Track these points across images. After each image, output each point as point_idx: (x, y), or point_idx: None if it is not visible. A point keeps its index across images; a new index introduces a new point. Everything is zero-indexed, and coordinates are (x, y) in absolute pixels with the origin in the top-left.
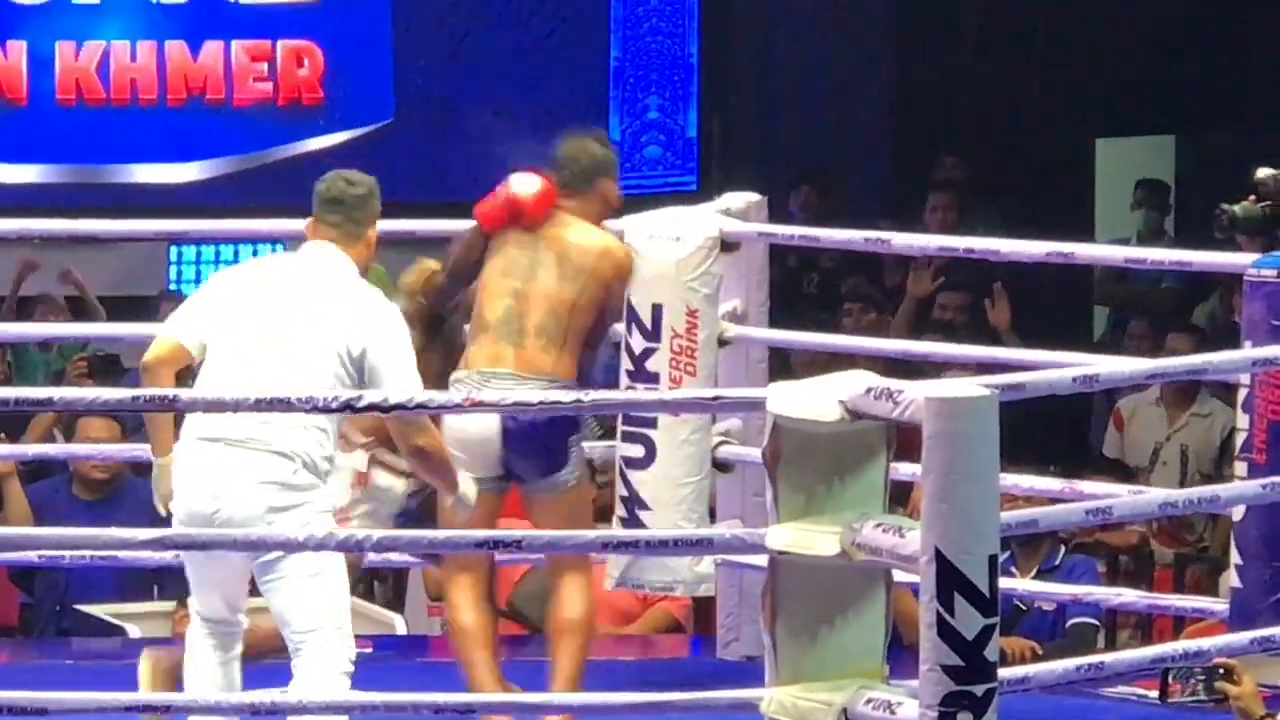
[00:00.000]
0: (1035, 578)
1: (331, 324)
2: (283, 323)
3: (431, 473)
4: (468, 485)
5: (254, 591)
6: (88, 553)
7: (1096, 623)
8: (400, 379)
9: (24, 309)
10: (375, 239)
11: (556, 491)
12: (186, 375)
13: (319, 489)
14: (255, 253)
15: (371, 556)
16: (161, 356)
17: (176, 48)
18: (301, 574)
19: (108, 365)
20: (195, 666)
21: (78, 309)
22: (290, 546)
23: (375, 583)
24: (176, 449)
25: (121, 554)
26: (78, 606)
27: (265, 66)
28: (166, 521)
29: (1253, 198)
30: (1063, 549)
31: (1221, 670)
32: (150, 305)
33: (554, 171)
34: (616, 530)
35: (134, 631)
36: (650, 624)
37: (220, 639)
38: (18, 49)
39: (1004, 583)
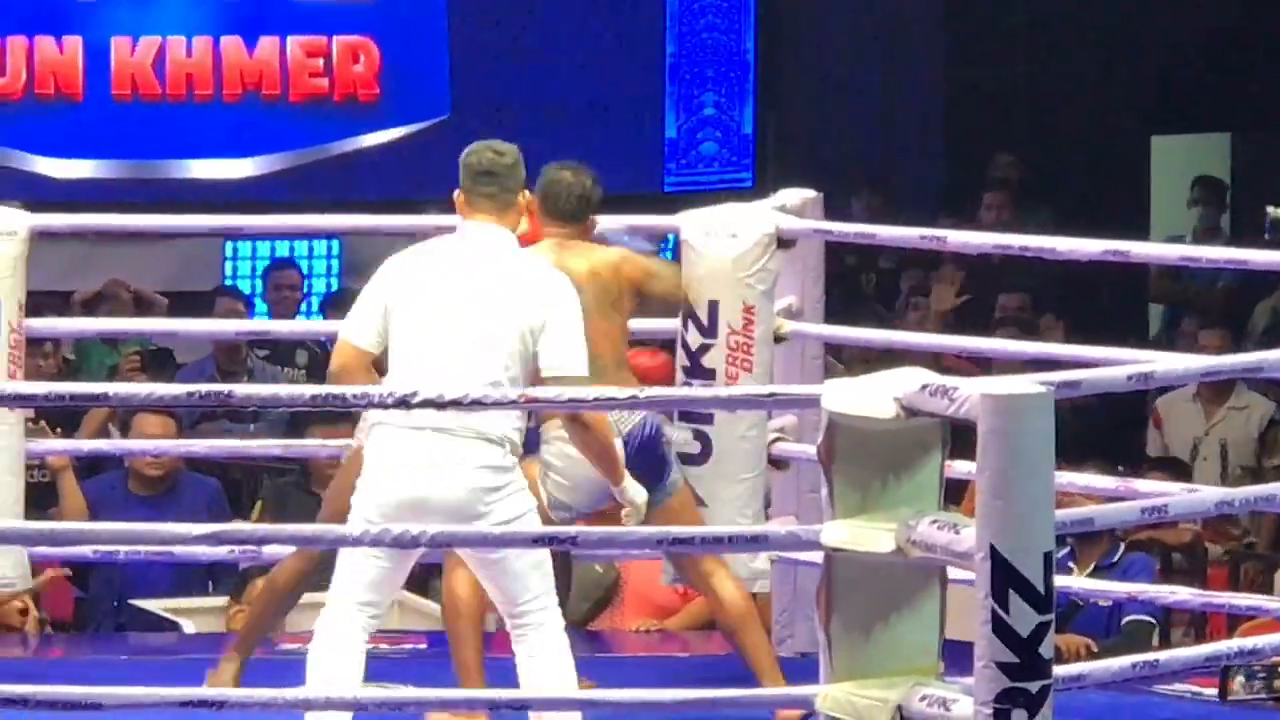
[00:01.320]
0: (1093, 574)
1: (513, 302)
2: (465, 306)
3: (594, 454)
4: (635, 489)
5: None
6: (142, 548)
7: (1152, 620)
8: (571, 352)
9: (91, 304)
10: (524, 206)
11: (671, 494)
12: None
13: (519, 467)
14: (310, 248)
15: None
16: (345, 364)
17: (232, 43)
18: (521, 549)
19: (161, 360)
20: (345, 655)
21: (142, 304)
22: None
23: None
24: (378, 439)
25: (176, 549)
26: (133, 602)
27: (321, 62)
28: (222, 517)
29: None
30: (1121, 546)
31: None
32: (205, 301)
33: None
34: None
35: (189, 627)
36: (690, 619)
37: (371, 626)
38: (74, 44)
39: (1059, 580)
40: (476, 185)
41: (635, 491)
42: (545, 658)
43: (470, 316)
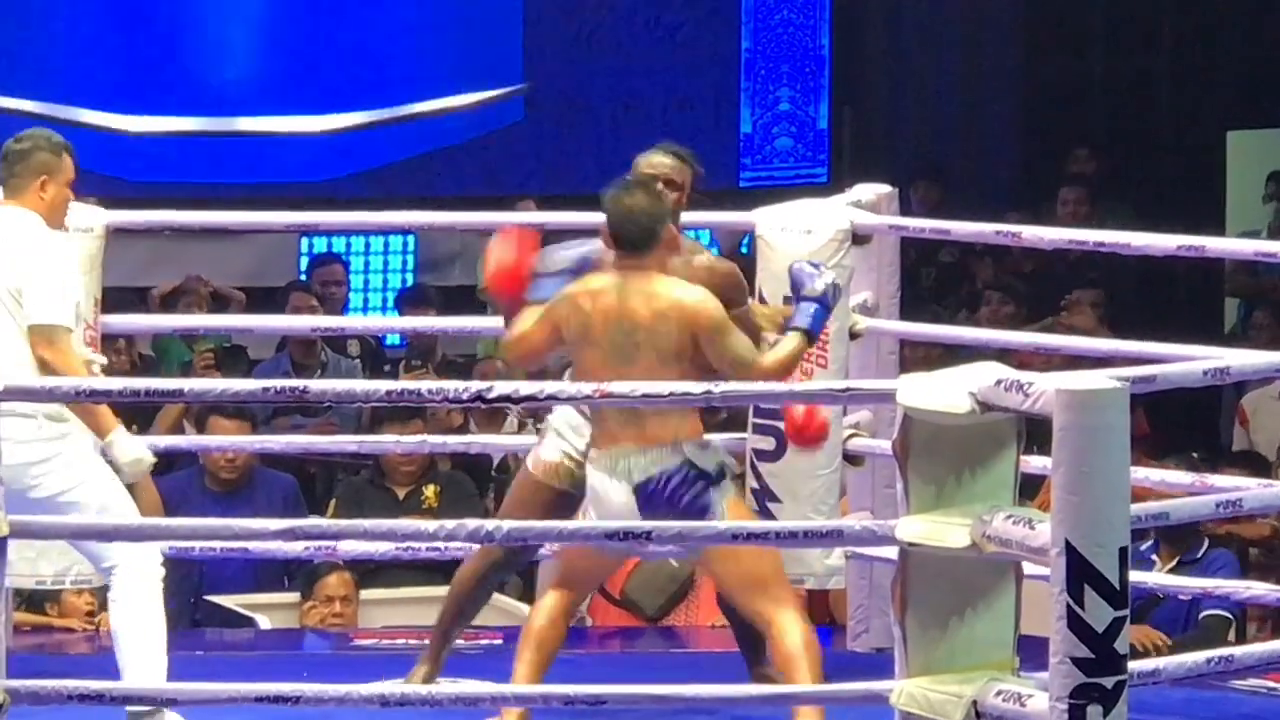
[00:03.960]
0: (1175, 569)
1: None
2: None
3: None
4: (124, 446)
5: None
6: (218, 544)
7: (1229, 616)
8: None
9: (170, 300)
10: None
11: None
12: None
13: (72, 437)
14: (386, 244)
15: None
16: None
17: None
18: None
19: (235, 357)
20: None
21: (219, 300)
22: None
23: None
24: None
25: (252, 545)
26: (209, 598)
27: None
28: (298, 512)
29: None
30: (1206, 542)
31: None
32: (281, 296)
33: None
34: (745, 522)
35: (264, 623)
36: None
37: None
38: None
39: (1135, 575)
40: None
41: (125, 448)
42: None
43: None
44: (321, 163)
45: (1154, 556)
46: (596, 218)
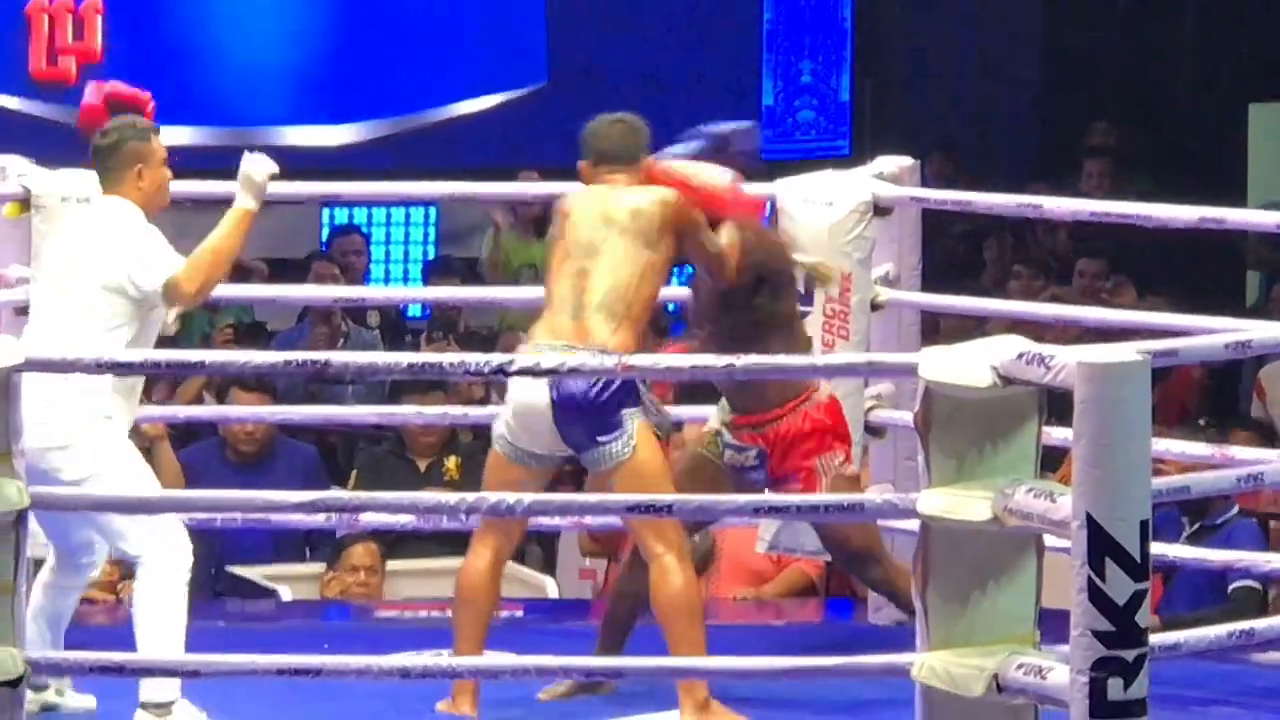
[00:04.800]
0: (1198, 533)
1: None
2: None
3: None
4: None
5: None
6: (239, 515)
7: (1260, 587)
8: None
9: None
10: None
11: (607, 464)
12: None
13: (103, 432)
14: (407, 216)
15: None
16: None
17: (328, 7)
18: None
19: (254, 333)
20: None
21: (241, 272)
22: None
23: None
24: None
25: (273, 516)
26: (230, 569)
27: (417, 30)
28: (319, 484)
29: None
30: (1235, 508)
31: None
32: (302, 267)
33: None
34: (767, 495)
35: (286, 594)
36: (786, 585)
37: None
38: (174, 7)
39: (1157, 546)
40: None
41: (254, 168)
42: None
43: None
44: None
45: (1183, 518)
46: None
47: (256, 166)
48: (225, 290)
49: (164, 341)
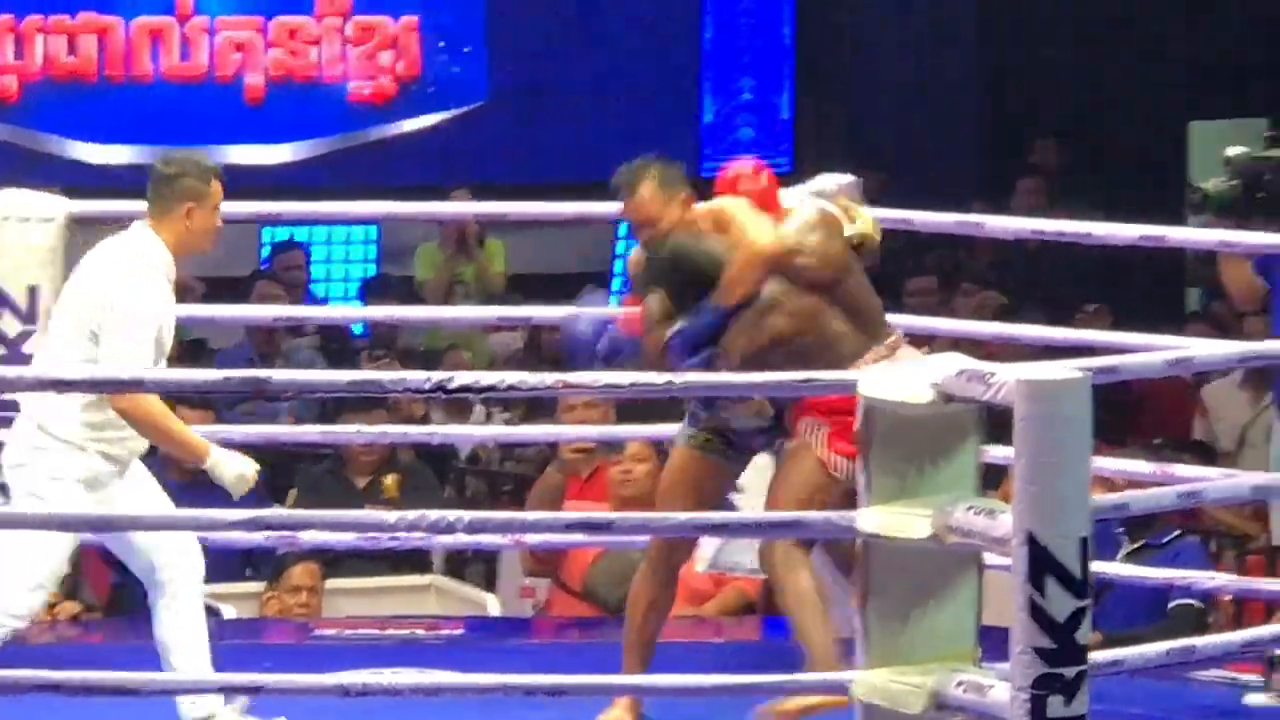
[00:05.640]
0: (1141, 550)
1: None
2: None
3: (158, 440)
4: (227, 463)
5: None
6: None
7: (1200, 605)
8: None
9: None
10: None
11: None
12: None
13: (66, 454)
14: (348, 235)
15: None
16: None
17: (269, 26)
18: None
19: (195, 352)
20: None
21: (177, 291)
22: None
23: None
24: None
25: (214, 535)
26: None
27: (358, 48)
28: (260, 502)
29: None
30: (1177, 532)
31: None
32: (242, 286)
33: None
34: (707, 513)
35: (229, 612)
36: (725, 604)
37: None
38: (115, 25)
39: (1100, 564)
40: None
41: (227, 466)
42: None
43: None
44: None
45: (1123, 537)
46: (557, 208)
47: (234, 470)
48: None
49: None
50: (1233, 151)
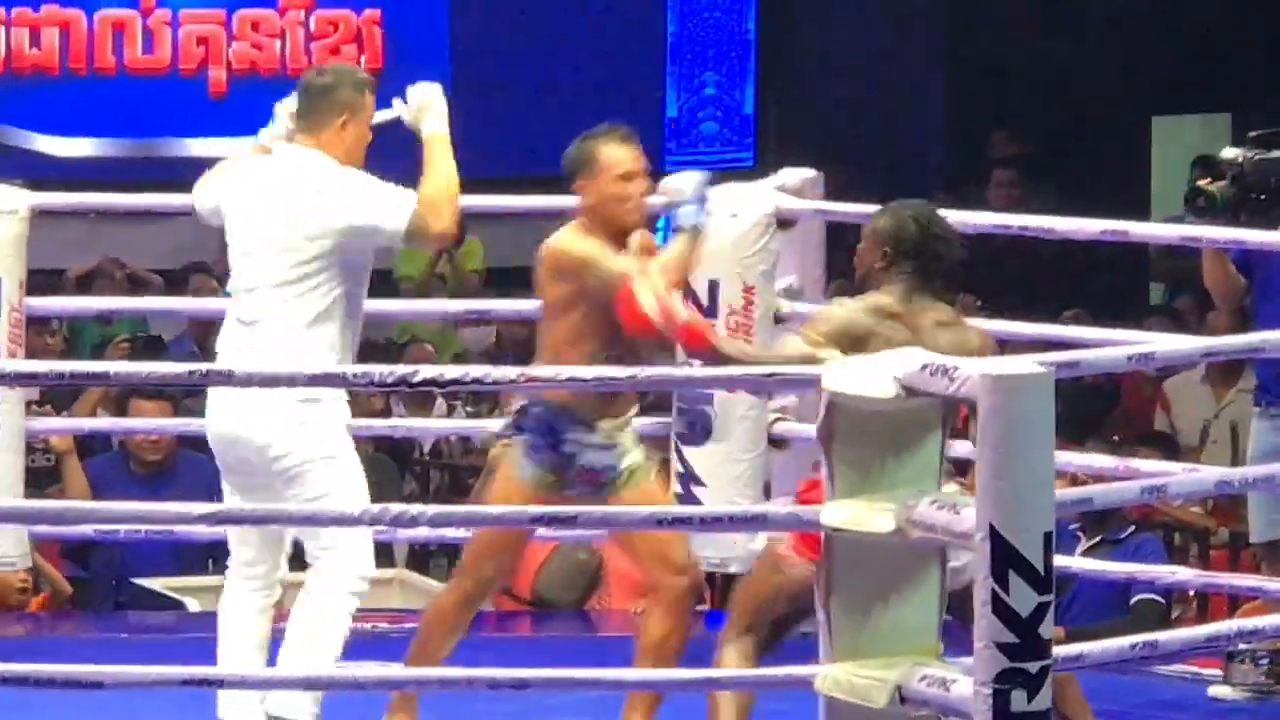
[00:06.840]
0: (1099, 546)
1: None
2: None
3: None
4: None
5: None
6: (142, 527)
7: (1161, 600)
8: None
9: (85, 282)
10: None
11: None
12: None
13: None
14: None
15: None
16: None
17: (234, 18)
18: None
19: (153, 347)
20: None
21: (136, 283)
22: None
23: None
24: None
25: (176, 528)
26: (135, 580)
27: (323, 41)
28: (221, 496)
29: (1208, 179)
30: (1132, 527)
31: None
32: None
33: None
34: (672, 506)
35: (193, 605)
36: None
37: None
38: (77, 18)
39: (1062, 559)
40: None
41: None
42: None
43: None
44: None
45: (1079, 534)
46: (518, 201)
47: (426, 95)
48: (121, 302)
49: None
50: (1230, 153)
